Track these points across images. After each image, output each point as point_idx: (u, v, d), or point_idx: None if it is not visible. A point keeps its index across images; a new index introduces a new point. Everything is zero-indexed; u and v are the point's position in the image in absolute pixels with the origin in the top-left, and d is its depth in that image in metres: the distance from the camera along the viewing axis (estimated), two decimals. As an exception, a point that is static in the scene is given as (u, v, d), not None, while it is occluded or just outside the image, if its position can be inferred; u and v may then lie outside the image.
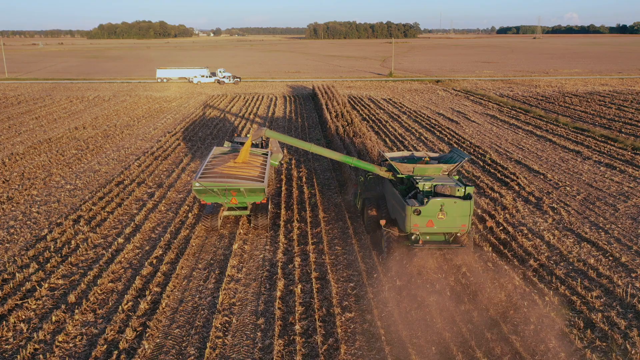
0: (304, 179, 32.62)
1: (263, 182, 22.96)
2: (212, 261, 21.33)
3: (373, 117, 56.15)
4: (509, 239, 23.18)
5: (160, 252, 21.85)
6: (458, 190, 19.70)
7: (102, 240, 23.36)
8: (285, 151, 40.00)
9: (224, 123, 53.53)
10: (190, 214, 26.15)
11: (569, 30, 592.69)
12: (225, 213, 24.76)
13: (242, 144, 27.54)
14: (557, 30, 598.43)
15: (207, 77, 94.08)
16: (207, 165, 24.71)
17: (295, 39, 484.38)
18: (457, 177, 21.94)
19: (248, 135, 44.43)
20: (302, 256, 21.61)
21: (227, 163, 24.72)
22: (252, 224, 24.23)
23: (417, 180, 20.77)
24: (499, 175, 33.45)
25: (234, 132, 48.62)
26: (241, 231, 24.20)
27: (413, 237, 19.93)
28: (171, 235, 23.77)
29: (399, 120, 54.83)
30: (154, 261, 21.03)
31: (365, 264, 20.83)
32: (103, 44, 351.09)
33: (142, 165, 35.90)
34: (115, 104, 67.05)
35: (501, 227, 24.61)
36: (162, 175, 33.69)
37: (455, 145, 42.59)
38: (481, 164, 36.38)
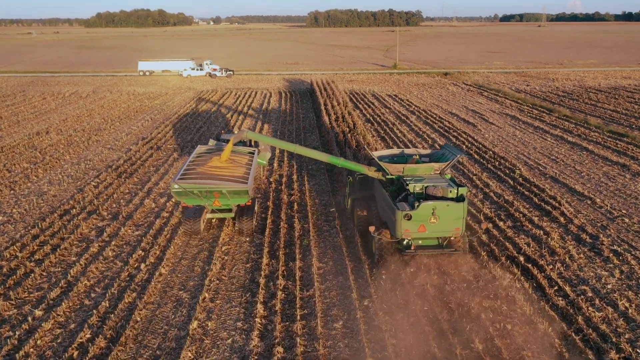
0: (295, 206, 26.28)
1: (247, 183, 21.62)
2: (158, 351, 15.09)
3: (378, 119, 49.69)
4: (570, 309, 16.89)
5: (88, 336, 15.59)
6: (450, 191, 18.71)
7: (14, 311, 17.10)
8: (275, 165, 33.68)
9: (208, 125, 47.12)
10: (143, 265, 19.87)
11: (574, 18, 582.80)
12: (209, 215, 23.41)
13: (229, 141, 25.05)
14: (561, 18, 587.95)
15: (198, 69, 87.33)
16: (189, 165, 23.19)
17: (296, 27, 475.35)
18: (449, 176, 20.76)
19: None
20: (286, 342, 15.37)
21: (210, 163, 23.27)
22: (236, 228, 22.97)
23: (408, 182, 19.64)
24: (536, 200, 27.09)
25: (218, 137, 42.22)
26: (206, 295, 17.93)
27: (405, 243, 19.09)
28: (111, 302, 17.49)
29: (408, 121, 48.37)
30: (75, 354, 14.77)
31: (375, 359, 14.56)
32: (100, 32, 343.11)
33: (100, 186, 29.58)
34: (91, 102, 60.57)
35: (555, 287, 18.30)
36: (121, 201, 27.38)
37: (475, 155, 36.20)
38: (511, 182, 30.01)
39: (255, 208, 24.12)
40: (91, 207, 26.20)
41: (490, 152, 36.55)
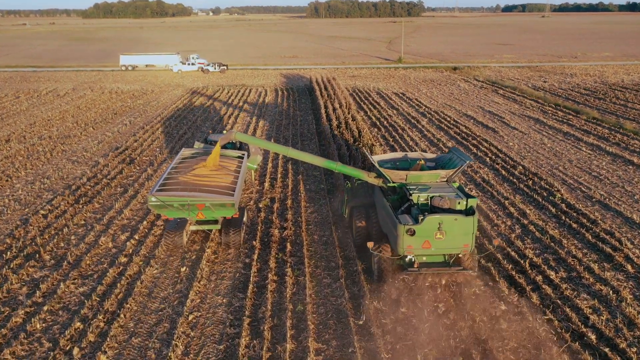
0: (288, 247, 20.86)
1: (233, 195, 19.52)
2: None
3: (385, 122, 44.17)
4: None
5: None
6: (459, 203, 16.99)
7: None
8: (265, 184, 28.25)
9: (194, 131, 41.66)
10: (77, 349, 14.50)
11: (577, 8, 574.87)
12: (193, 227, 21.07)
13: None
14: (564, 8, 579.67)
15: (190, 64, 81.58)
16: (171, 173, 21.22)
17: (296, 17, 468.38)
18: (457, 184, 18.84)
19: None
20: None
21: (194, 170, 21.07)
22: (222, 241, 20.77)
23: (411, 191, 17.86)
24: (588, 236, 21.67)
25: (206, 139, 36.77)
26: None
27: (407, 259, 17.20)
28: (17, 421, 12.14)
29: (419, 126, 42.84)
30: None
31: None
32: (96, 23, 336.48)
33: (50, 215, 24.14)
34: (68, 102, 54.98)
35: (651, 390, 12.92)
36: (71, 238, 21.96)
37: (502, 170, 30.74)
38: (552, 210, 24.56)
39: (244, 218, 22.18)
40: (31, 249, 20.79)
41: (520, 167, 31.05)
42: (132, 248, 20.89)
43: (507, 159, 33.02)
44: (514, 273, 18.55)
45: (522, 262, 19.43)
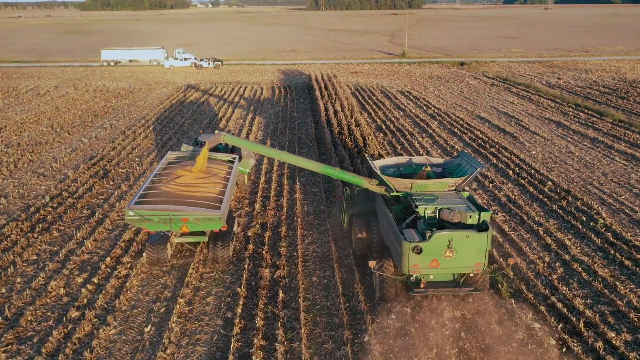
0: (280, 295, 16.88)
1: (220, 208, 17.33)
2: None
3: (391, 125, 40.07)
4: None
5: None
6: (470, 216, 15.09)
7: None
8: (256, 205, 24.24)
9: (180, 135, 37.66)
10: None
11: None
12: (177, 240, 19.27)
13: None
14: (566, 0, 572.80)
15: (182, 59, 77.30)
16: (153, 181, 19.28)
17: (296, 10, 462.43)
18: (467, 194, 16.82)
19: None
20: None
21: (179, 178, 19.03)
22: (209, 255, 18.76)
23: (417, 202, 15.97)
24: (648, 279, 17.71)
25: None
26: None
27: (413, 278, 15.41)
28: None
29: (429, 130, 38.78)
30: None
31: None
32: (93, 16, 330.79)
33: (-4, 249, 20.15)
34: (47, 101, 50.82)
35: None
36: (17, 282, 17.97)
37: (529, 186, 26.72)
38: (596, 240, 20.61)
39: (235, 228, 20.35)
40: (-37, 297, 16.83)
41: (550, 183, 27.03)
42: (88, 296, 16.92)
43: (532, 171, 29.00)
44: (565, 336, 14.61)
45: (573, 318, 15.47)
